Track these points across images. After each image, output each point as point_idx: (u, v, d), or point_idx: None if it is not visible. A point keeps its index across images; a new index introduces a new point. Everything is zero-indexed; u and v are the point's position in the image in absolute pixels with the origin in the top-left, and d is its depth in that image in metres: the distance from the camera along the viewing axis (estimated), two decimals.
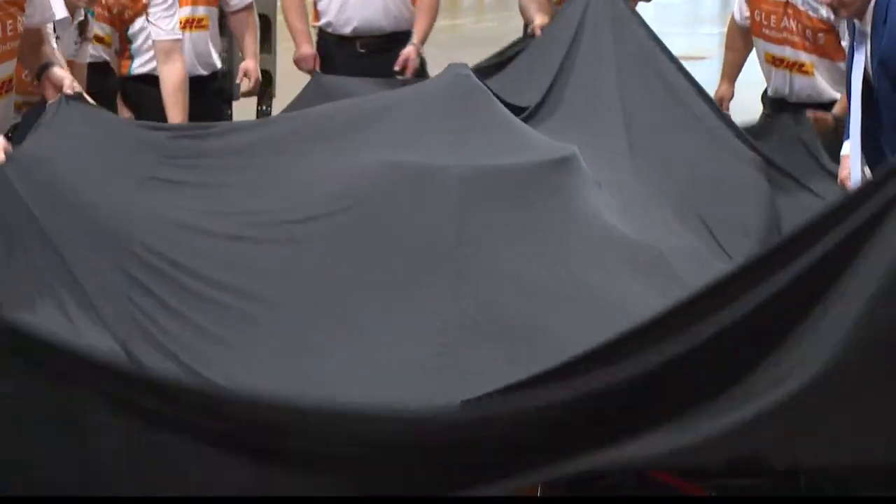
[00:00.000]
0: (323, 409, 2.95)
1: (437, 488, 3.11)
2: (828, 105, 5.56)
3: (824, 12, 5.33)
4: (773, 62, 5.68)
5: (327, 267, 3.69)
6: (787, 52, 5.60)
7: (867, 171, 4.92)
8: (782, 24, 5.57)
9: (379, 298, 3.58)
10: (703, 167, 4.85)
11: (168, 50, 5.65)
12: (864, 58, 5.03)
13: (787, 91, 5.71)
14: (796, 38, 5.57)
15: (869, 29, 4.89)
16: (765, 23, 5.62)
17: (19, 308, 3.58)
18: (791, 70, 5.65)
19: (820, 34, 5.49)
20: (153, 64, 5.71)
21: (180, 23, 5.83)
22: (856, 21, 4.89)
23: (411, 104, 4.54)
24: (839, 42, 5.44)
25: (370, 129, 4.27)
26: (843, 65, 5.29)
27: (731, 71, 6.15)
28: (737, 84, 6.40)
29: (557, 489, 3.31)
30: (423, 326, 3.42)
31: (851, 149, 5.06)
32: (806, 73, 5.61)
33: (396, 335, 3.45)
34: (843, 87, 5.33)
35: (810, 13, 5.43)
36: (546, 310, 3.55)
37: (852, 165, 4.97)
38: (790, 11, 5.49)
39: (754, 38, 5.72)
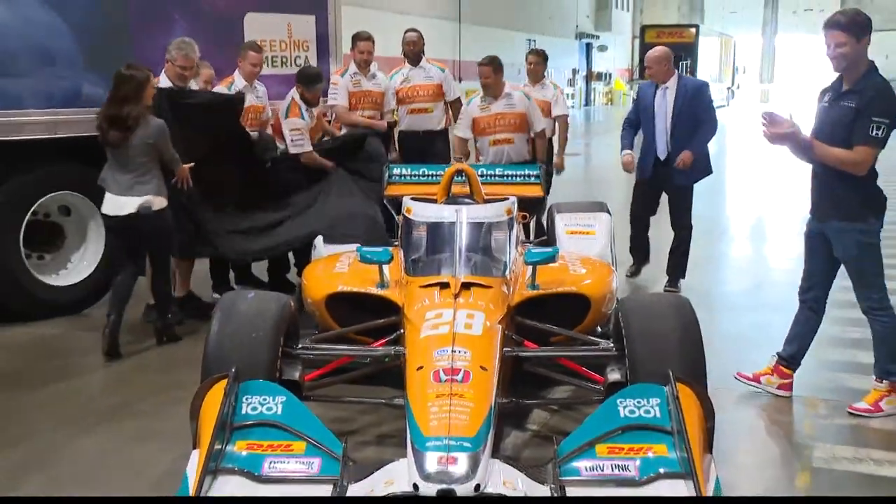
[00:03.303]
0: None
1: None
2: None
3: (518, 107, 6.16)
4: (493, 143, 6.23)
5: None
6: (503, 133, 6.20)
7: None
8: (497, 123, 6.19)
9: None
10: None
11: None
12: (666, 101, 5.77)
13: (503, 158, 6.21)
14: (505, 127, 6.22)
15: (673, 90, 5.73)
16: (489, 126, 6.21)
17: None
18: (502, 144, 6.23)
19: (514, 119, 6.20)
20: None
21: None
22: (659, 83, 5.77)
23: None
24: (528, 118, 6.17)
25: None
26: (526, 136, 6.30)
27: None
28: None
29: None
30: None
31: (658, 141, 5.84)
32: (509, 142, 6.21)
33: None
34: (526, 150, 6.31)
35: (506, 112, 6.17)
36: None
37: (659, 146, 5.85)
38: (500, 116, 6.19)
39: (479, 138, 6.28)
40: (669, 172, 5.86)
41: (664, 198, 6.18)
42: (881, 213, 3.82)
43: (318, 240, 5.08)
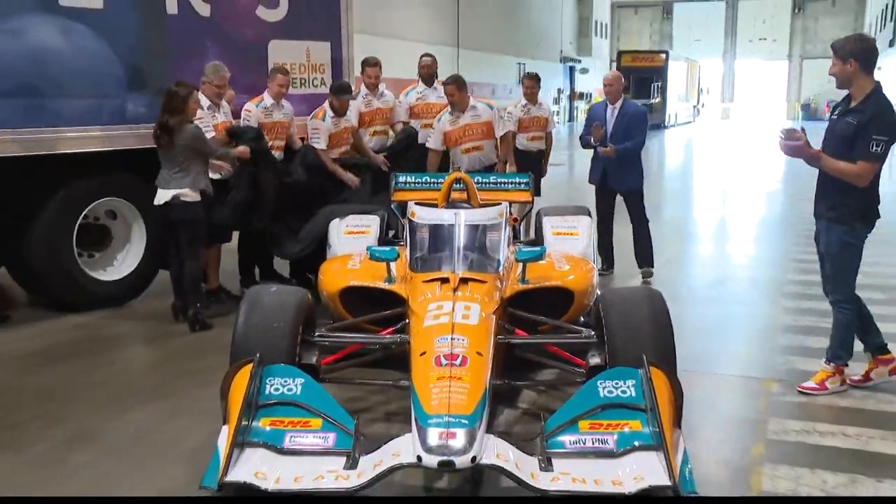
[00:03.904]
0: None
1: None
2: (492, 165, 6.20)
3: (484, 117, 6.06)
4: (465, 151, 6.11)
5: None
6: (473, 141, 6.10)
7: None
8: (466, 133, 6.09)
9: None
10: None
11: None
12: (614, 117, 5.97)
13: (476, 164, 6.12)
14: (474, 136, 6.10)
15: (617, 110, 5.93)
16: (458, 139, 6.10)
17: None
18: (473, 151, 6.12)
19: (481, 127, 6.11)
20: None
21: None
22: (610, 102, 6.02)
23: None
24: (493, 126, 6.10)
25: None
26: (494, 141, 6.16)
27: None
28: None
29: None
30: None
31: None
32: (480, 149, 6.11)
33: None
34: (494, 153, 6.20)
35: (473, 123, 6.06)
36: None
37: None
38: (469, 126, 6.07)
39: (453, 149, 6.15)
40: (610, 180, 6.12)
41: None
42: (869, 222, 3.72)
43: (333, 240, 5.04)
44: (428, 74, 6.89)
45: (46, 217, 5.23)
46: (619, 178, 6.06)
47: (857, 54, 3.58)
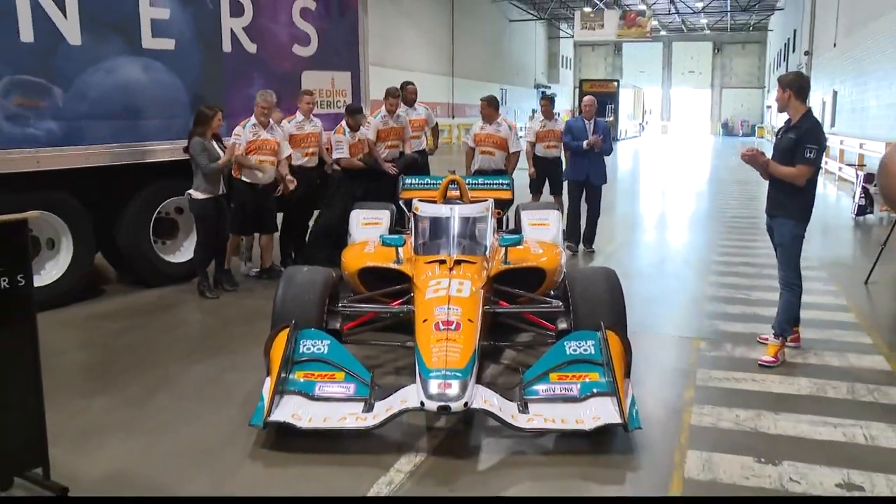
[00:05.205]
0: None
1: None
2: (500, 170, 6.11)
3: (502, 133, 6.16)
4: (482, 152, 6.24)
5: None
6: (489, 147, 6.22)
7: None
8: (487, 140, 6.21)
9: None
10: None
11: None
12: (589, 131, 6.08)
13: (487, 164, 6.18)
14: (490, 143, 6.22)
15: (592, 124, 6.02)
16: (482, 140, 6.24)
17: None
18: (487, 154, 6.23)
19: (498, 140, 6.21)
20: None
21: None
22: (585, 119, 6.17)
23: None
24: (507, 142, 6.18)
25: None
26: (505, 153, 6.13)
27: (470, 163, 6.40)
28: None
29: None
30: None
31: (584, 156, 6.22)
32: (492, 154, 6.21)
33: None
34: (504, 161, 6.15)
35: (494, 134, 6.21)
36: None
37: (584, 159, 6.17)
38: (490, 135, 6.22)
39: (477, 146, 6.28)
40: (591, 175, 6.44)
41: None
42: (807, 219, 3.71)
43: (353, 229, 4.96)
44: (410, 98, 6.75)
45: (130, 213, 5.22)
46: (597, 173, 6.45)
47: (792, 86, 3.66)
